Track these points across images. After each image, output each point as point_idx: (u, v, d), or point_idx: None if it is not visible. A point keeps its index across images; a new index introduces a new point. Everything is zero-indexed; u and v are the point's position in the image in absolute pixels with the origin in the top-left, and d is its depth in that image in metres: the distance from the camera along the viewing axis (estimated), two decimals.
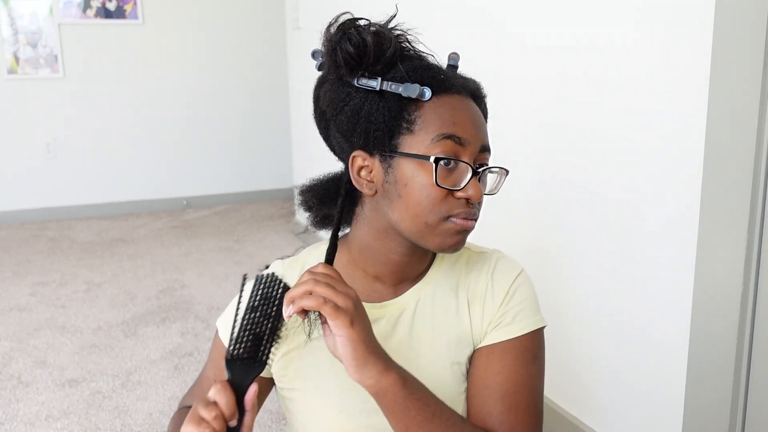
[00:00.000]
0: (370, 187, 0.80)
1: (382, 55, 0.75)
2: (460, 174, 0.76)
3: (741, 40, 1.14)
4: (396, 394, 0.73)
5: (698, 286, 1.28)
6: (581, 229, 1.60)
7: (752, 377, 1.23)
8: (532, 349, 0.86)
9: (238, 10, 4.71)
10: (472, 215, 0.77)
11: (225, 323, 0.91)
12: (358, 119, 0.77)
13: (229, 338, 0.73)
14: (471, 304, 0.87)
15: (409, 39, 0.79)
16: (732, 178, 1.18)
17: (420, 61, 0.79)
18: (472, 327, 0.87)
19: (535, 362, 0.86)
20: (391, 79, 0.76)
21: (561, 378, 1.72)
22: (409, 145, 0.76)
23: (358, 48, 0.75)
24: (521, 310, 0.86)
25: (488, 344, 0.85)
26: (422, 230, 0.77)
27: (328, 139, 0.86)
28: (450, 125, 0.75)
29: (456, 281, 0.88)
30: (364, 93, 0.76)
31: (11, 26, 4.19)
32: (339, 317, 0.69)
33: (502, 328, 0.85)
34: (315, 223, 0.89)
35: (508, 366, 0.84)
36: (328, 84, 0.81)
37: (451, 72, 0.81)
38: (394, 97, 0.76)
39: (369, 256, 0.85)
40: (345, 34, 0.75)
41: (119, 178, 4.61)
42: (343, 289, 0.72)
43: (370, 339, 0.72)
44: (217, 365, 0.92)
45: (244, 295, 0.74)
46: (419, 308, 0.87)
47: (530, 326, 0.86)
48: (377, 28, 0.76)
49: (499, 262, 0.89)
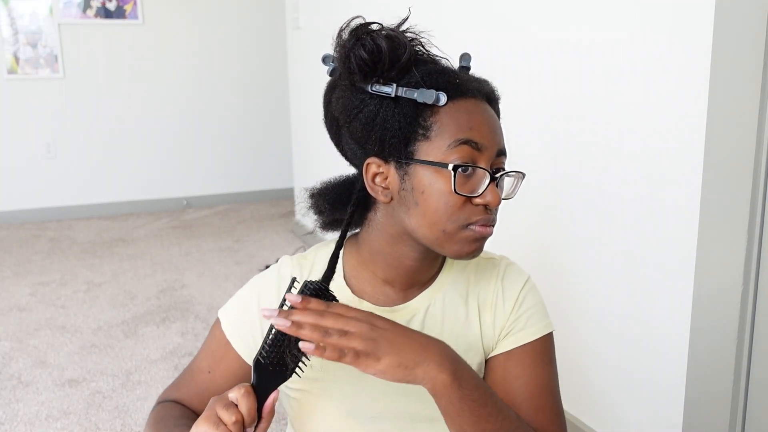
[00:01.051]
0: (385, 194, 0.78)
1: (397, 61, 0.74)
2: (478, 180, 0.75)
3: (741, 40, 1.14)
4: (451, 395, 0.70)
5: (698, 286, 1.28)
6: (581, 229, 1.60)
7: (752, 377, 1.23)
8: (546, 353, 0.86)
9: (238, 10, 4.71)
10: (491, 222, 0.76)
11: (229, 317, 0.88)
12: (373, 126, 0.75)
13: (263, 341, 0.70)
14: (482, 312, 0.87)
15: (423, 42, 0.78)
16: (732, 178, 1.18)
17: (434, 65, 0.77)
18: (483, 335, 0.86)
19: (551, 365, 0.87)
20: (405, 84, 0.74)
21: (561, 378, 1.72)
22: (425, 152, 0.74)
23: (372, 54, 0.73)
24: (531, 316, 0.86)
25: (503, 351, 0.85)
26: (440, 238, 0.76)
27: (339, 144, 0.84)
28: (467, 130, 0.74)
29: (465, 287, 0.88)
30: (379, 99, 0.75)
31: (11, 26, 4.19)
32: (361, 363, 0.67)
33: (515, 335, 0.85)
34: (324, 225, 0.88)
35: (527, 370, 0.84)
36: (339, 90, 0.78)
37: (465, 74, 0.80)
38: (409, 103, 0.74)
39: (380, 259, 0.84)
40: (359, 39, 0.73)
41: (119, 178, 4.61)
42: (354, 327, 0.68)
43: (407, 351, 0.69)
44: (215, 358, 0.89)
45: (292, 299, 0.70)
46: (429, 314, 0.86)
47: (542, 330, 0.86)
48: (390, 32, 0.74)
49: (507, 269, 0.89)
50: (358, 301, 0.85)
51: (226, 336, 0.88)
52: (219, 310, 0.91)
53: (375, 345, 0.67)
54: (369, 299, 0.85)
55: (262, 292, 0.87)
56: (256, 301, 0.87)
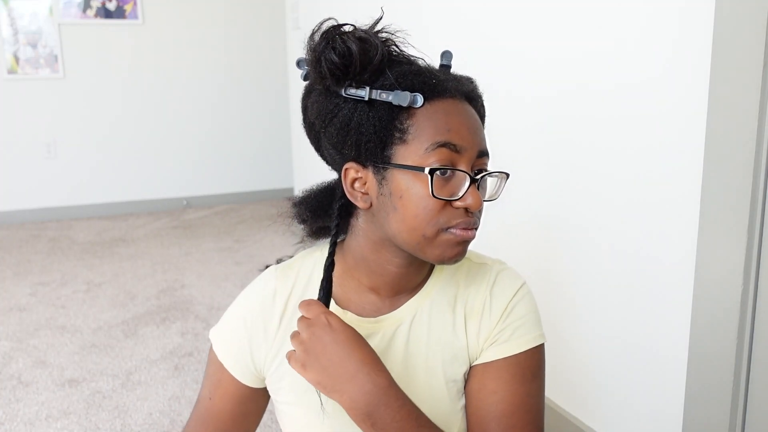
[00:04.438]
0: (364, 200, 0.77)
1: (369, 63, 0.71)
2: (458, 182, 0.72)
3: (741, 40, 1.14)
4: (364, 429, 0.72)
5: (698, 286, 1.28)
6: (580, 227, 1.60)
7: (752, 377, 1.23)
8: (530, 367, 0.82)
9: (237, 10, 4.71)
10: (472, 224, 0.74)
11: (220, 339, 0.88)
12: (348, 131, 0.73)
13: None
14: (468, 320, 0.84)
15: (397, 43, 0.75)
16: (732, 177, 1.18)
17: (410, 66, 0.74)
18: (468, 344, 0.84)
19: (534, 380, 0.83)
20: (380, 87, 0.72)
21: (561, 378, 1.72)
22: (402, 156, 0.72)
23: (343, 57, 0.70)
24: (519, 327, 0.83)
25: (483, 362, 0.83)
26: (420, 243, 0.74)
27: (319, 149, 0.82)
28: (444, 132, 0.71)
29: (454, 294, 0.85)
30: (353, 103, 0.72)
31: (11, 26, 4.19)
32: (292, 364, 0.72)
33: (498, 346, 0.82)
34: (310, 234, 0.87)
35: (504, 385, 0.81)
36: (315, 94, 0.77)
37: (444, 73, 0.77)
38: (384, 106, 0.71)
39: (364, 267, 0.82)
40: (329, 42, 0.71)
41: (119, 178, 4.61)
42: (302, 331, 0.73)
43: (329, 374, 0.71)
44: (213, 382, 0.88)
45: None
46: (415, 323, 0.83)
47: (528, 343, 0.82)
48: (362, 33, 0.71)
49: (499, 276, 0.86)
50: (342, 311, 0.83)
51: (218, 358, 0.87)
52: (210, 331, 0.90)
53: (306, 355, 0.72)
54: (354, 309, 0.84)
55: (248, 314, 0.86)
56: (243, 322, 0.86)
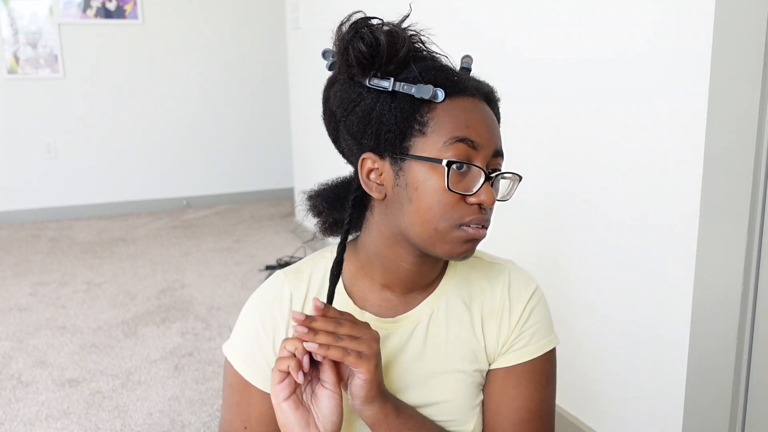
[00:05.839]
0: (379, 191, 0.77)
1: (395, 55, 0.73)
2: (473, 179, 0.74)
3: (741, 41, 1.14)
4: (390, 423, 0.75)
5: (698, 286, 1.28)
6: (581, 229, 1.60)
7: (752, 377, 1.23)
8: (545, 372, 0.85)
9: (238, 10, 4.71)
10: (484, 222, 0.75)
11: (239, 354, 0.85)
12: (369, 120, 0.75)
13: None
14: (485, 320, 0.85)
15: (423, 39, 0.77)
16: (732, 178, 1.18)
17: (433, 62, 0.76)
18: (486, 344, 0.85)
19: (548, 385, 0.86)
20: (403, 79, 0.73)
21: (561, 379, 1.72)
22: (420, 148, 0.73)
23: (370, 47, 0.72)
24: (536, 331, 0.85)
25: (503, 367, 0.85)
26: (432, 236, 0.75)
27: (337, 140, 0.83)
28: (463, 128, 0.73)
29: (469, 293, 0.86)
30: (376, 93, 0.74)
31: (11, 26, 4.19)
32: (363, 365, 0.71)
33: (517, 351, 0.84)
34: (324, 229, 0.86)
35: (523, 392, 0.84)
36: (338, 84, 0.78)
37: (465, 74, 0.79)
38: (406, 98, 0.73)
39: (378, 263, 0.82)
40: (358, 32, 0.73)
41: (119, 178, 4.61)
42: (366, 334, 0.73)
43: (381, 376, 0.75)
44: (242, 409, 0.85)
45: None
46: (432, 322, 0.84)
47: (545, 347, 0.85)
48: (391, 27, 0.74)
49: (514, 277, 0.87)
50: (360, 312, 0.84)
51: (243, 377, 0.84)
52: (224, 347, 0.87)
53: (378, 357, 0.74)
54: (371, 309, 0.84)
55: (266, 319, 0.85)
56: (261, 326, 0.84)
